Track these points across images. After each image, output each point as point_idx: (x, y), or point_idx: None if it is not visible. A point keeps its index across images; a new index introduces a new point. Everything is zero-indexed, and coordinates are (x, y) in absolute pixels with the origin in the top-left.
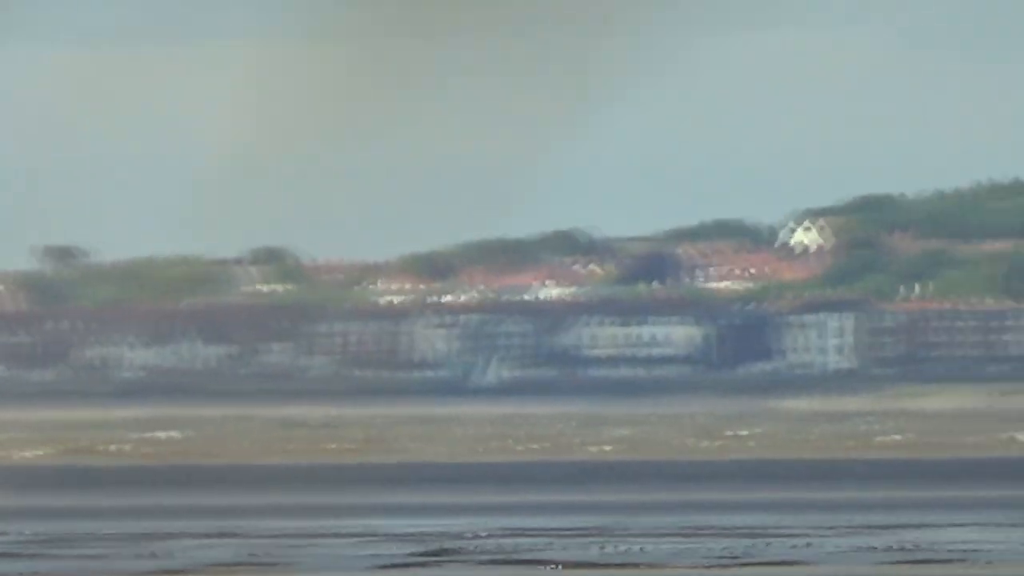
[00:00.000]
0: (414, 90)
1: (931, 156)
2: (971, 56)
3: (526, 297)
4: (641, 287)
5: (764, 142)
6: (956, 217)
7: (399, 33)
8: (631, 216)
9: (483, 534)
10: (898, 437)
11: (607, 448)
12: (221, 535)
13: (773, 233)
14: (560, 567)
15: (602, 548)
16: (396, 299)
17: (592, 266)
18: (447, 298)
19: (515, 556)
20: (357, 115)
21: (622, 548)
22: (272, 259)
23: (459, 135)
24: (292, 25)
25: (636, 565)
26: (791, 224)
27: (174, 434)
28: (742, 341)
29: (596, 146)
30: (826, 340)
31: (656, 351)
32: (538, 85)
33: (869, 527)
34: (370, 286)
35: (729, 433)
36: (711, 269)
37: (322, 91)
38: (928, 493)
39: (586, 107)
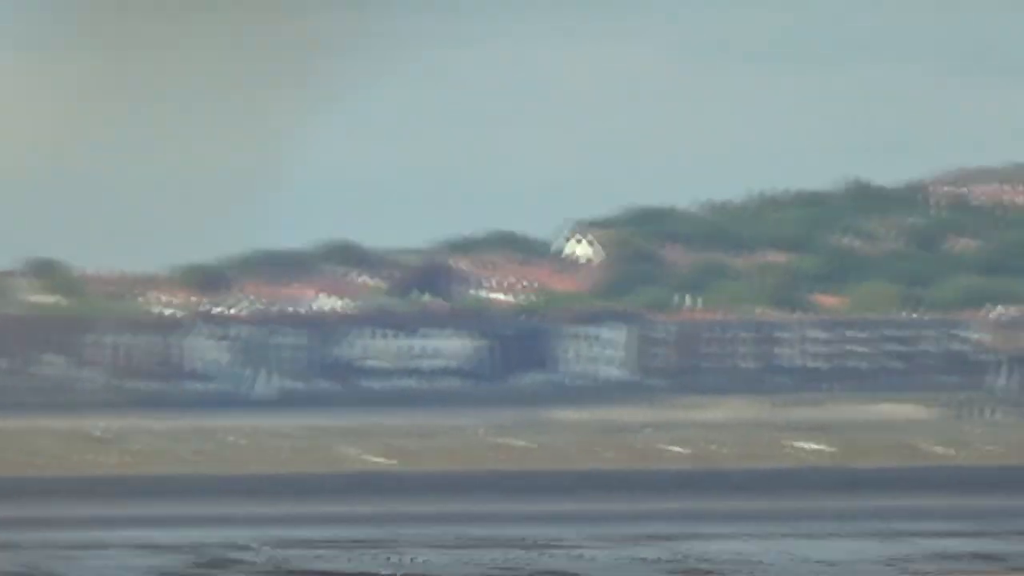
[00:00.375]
0: (180, 103)
1: (704, 168)
2: (744, 70)
3: (301, 309)
4: (416, 299)
5: (537, 154)
6: (730, 229)
7: (158, 46)
8: (405, 227)
9: (260, 545)
10: (676, 449)
11: (384, 459)
12: None
13: (548, 245)
14: None
15: (375, 559)
16: (170, 311)
17: (367, 278)
18: (221, 310)
19: (291, 567)
20: (126, 127)
21: (398, 559)
22: (45, 271)
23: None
24: (56, 38)
25: None
26: (565, 236)
27: None
28: (517, 353)
29: (366, 158)
30: (601, 351)
31: (432, 363)
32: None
33: (644, 538)
34: (143, 298)
35: (504, 443)
36: (486, 281)
37: (90, 103)
38: (703, 504)
39: (351, 119)
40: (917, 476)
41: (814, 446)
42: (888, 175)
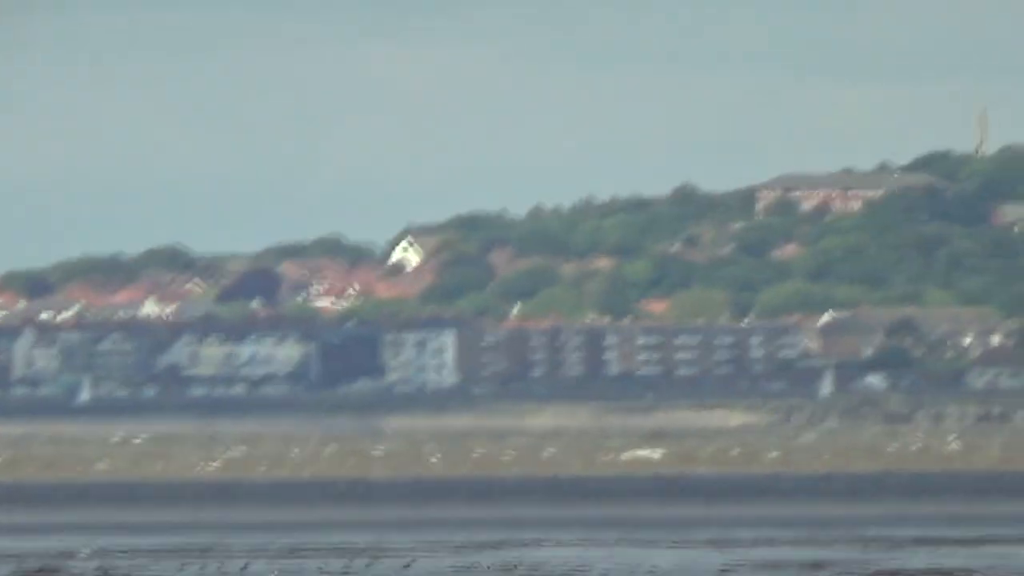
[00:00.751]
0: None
1: (531, 174)
2: (574, 75)
3: (128, 315)
4: (243, 305)
5: (366, 159)
6: (558, 235)
7: None
8: (233, 233)
9: (85, 553)
10: (507, 456)
11: (214, 466)
12: None
13: (376, 251)
14: None
15: (203, 568)
16: None
17: (194, 283)
18: (48, 315)
19: (118, 574)
20: None
21: (225, 567)
22: None
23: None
24: None
25: None
26: (394, 242)
27: None
28: (345, 359)
29: (191, 161)
30: (429, 358)
31: (259, 370)
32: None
33: (475, 545)
34: None
35: (334, 450)
36: (313, 287)
37: None
38: (534, 511)
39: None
40: (748, 483)
41: (646, 453)
42: (716, 181)
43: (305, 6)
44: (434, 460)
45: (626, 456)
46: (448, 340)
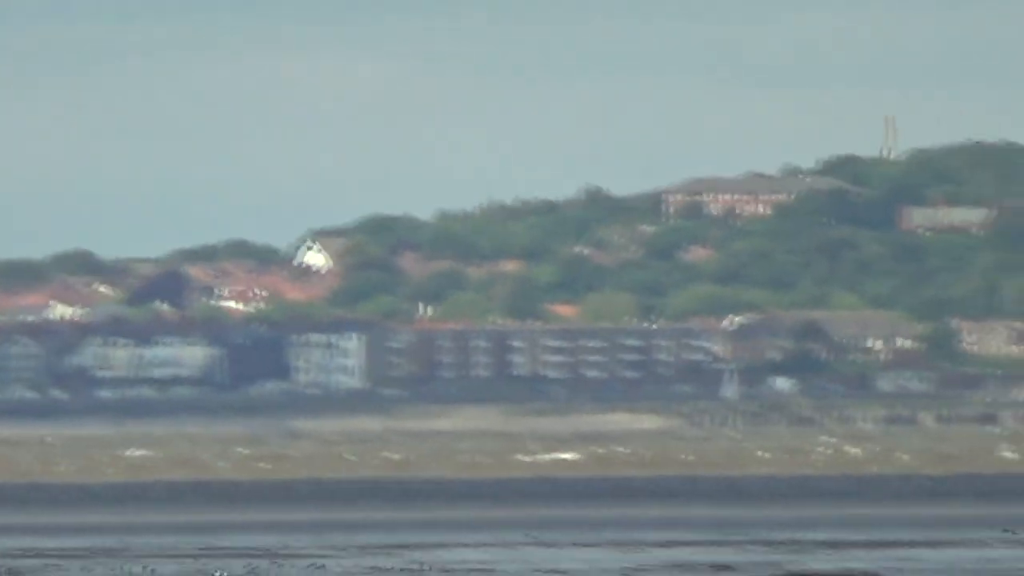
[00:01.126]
0: None
1: (439, 177)
2: (480, 81)
3: (35, 318)
4: (151, 308)
5: (274, 162)
6: (465, 238)
7: None
8: (140, 236)
9: None
10: (419, 459)
11: (117, 469)
12: None
13: (283, 253)
14: None
15: (112, 569)
16: None
17: (102, 287)
18: None
19: None
20: None
21: (131, 569)
22: None
23: None
24: None
25: None
26: (301, 244)
27: None
28: (253, 361)
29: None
30: (337, 360)
31: (168, 372)
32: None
33: (384, 547)
34: None
35: (242, 453)
36: (222, 289)
37: None
38: (444, 513)
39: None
40: (656, 486)
41: (555, 456)
42: (625, 184)
43: (210, 14)
44: (342, 462)
45: (544, 458)
46: (355, 343)
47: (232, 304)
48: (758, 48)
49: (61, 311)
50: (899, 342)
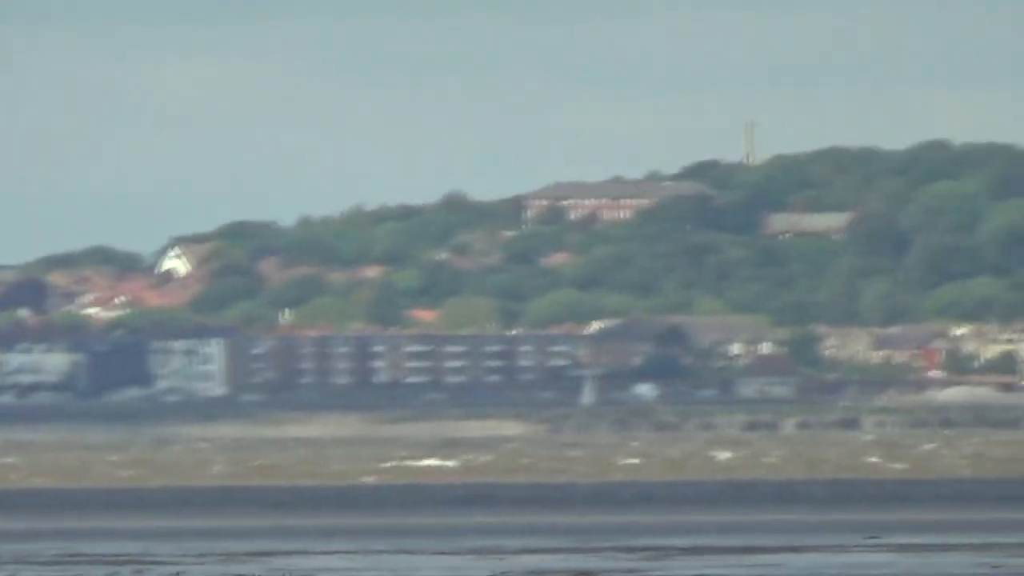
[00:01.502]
0: None
1: (299, 183)
2: (342, 88)
3: None
4: (13, 315)
5: (135, 167)
6: (326, 243)
7: None
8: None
9: None
10: (285, 465)
11: None
12: None
13: (144, 260)
14: None
15: None
16: None
17: None
18: None
19: None
20: None
21: None
22: None
23: None
24: None
25: None
26: (162, 250)
27: None
28: (113, 368)
29: None
30: (198, 367)
31: (27, 378)
32: None
33: (243, 554)
34: None
35: (102, 459)
36: (82, 296)
37: None
38: (304, 520)
39: None
40: (519, 492)
41: (418, 462)
42: (486, 190)
43: (75, 17)
44: (205, 468)
45: (407, 465)
46: (217, 349)
47: (94, 311)
48: (621, 53)
49: None
50: (761, 347)
